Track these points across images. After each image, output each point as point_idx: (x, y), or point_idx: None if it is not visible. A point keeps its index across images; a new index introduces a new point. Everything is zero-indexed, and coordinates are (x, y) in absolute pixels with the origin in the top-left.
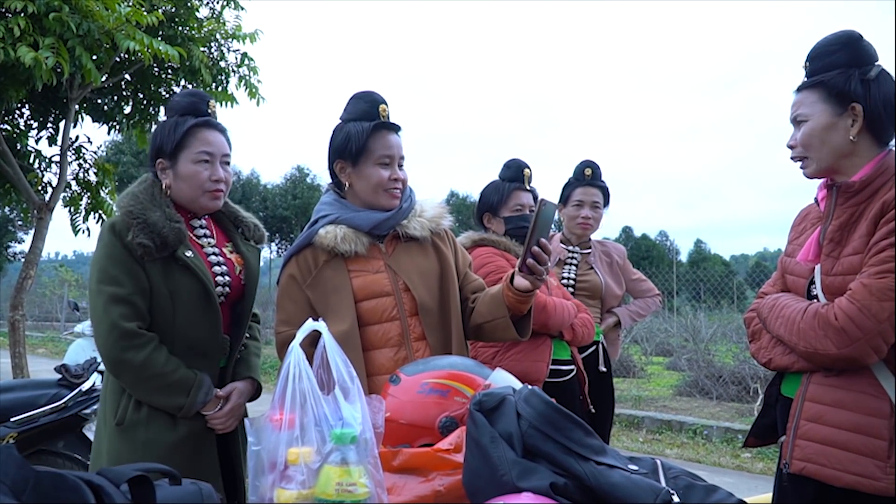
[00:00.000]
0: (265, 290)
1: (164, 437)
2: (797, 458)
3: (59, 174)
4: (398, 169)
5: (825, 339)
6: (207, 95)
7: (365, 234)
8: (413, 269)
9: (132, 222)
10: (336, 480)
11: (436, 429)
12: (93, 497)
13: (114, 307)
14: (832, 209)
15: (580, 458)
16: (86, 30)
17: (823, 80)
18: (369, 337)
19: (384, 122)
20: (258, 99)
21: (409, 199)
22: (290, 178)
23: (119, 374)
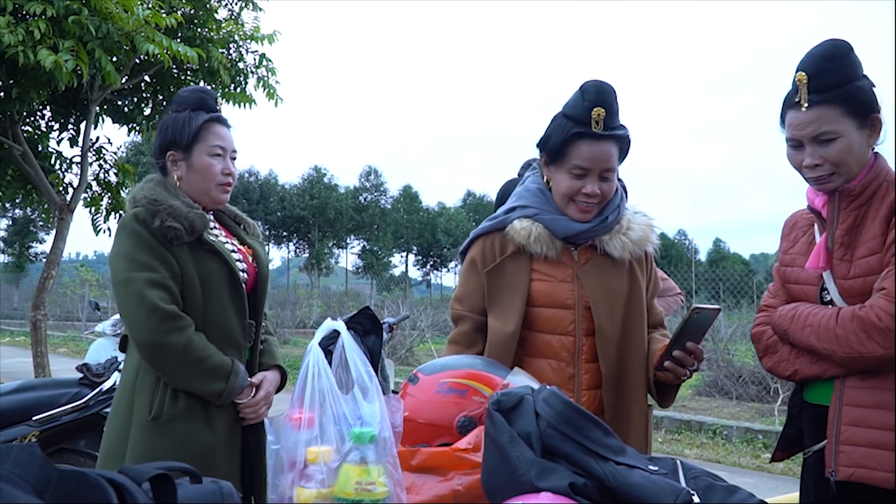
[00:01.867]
0: (282, 290)
1: (202, 434)
2: (843, 464)
3: (79, 175)
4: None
5: (869, 341)
6: (213, 92)
7: (559, 239)
8: (600, 287)
9: (158, 209)
10: (355, 479)
11: (454, 428)
12: (115, 496)
13: (151, 291)
14: (836, 214)
15: (599, 458)
16: (105, 32)
17: (847, 93)
18: (538, 344)
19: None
20: (276, 100)
21: (617, 211)
22: (308, 178)
23: (160, 359)
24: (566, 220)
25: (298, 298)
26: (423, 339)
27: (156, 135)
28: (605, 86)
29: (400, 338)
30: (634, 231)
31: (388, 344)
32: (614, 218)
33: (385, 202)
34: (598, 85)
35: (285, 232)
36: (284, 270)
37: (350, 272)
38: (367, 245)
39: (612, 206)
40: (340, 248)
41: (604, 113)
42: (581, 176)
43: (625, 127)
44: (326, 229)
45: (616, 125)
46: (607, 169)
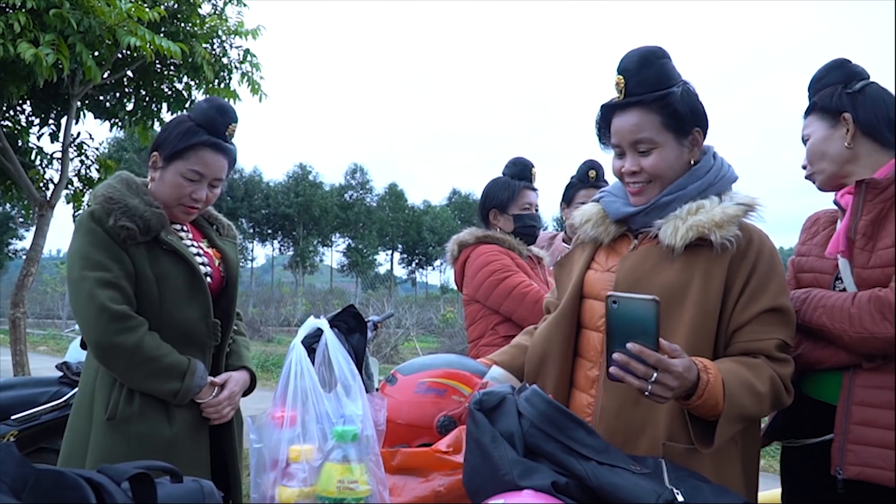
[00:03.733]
0: (267, 288)
1: (159, 431)
2: (852, 462)
3: (60, 171)
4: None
5: (884, 321)
6: (233, 115)
7: (615, 223)
8: (632, 276)
9: (112, 207)
10: (337, 478)
11: (434, 428)
12: (93, 495)
13: (101, 291)
14: (861, 206)
15: (582, 457)
16: (87, 26)
17: (816, 100)
18: (581, 341)
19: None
20: (260, 95)
21: (674, 196)
22: (293, 175)
23: (110, 359)
24: (622, 203)
25: (283, 296)
26: (408, 338)
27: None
28: (638, 50)
29: (385, 336)
30: (697, 216)
31: (372, 342)
32: (671, 199)
33: (370, 200)
34: (631, 51)
35: (270, 230)
36: (269, 268)
37: (335, 270)
38: (352, 243)
39: (676, 185)
40: (325, 245)
41: (623, 81)
42: (620, 154)
43: (661, 87)
44: (311, 227)
45: (643, 91)
46: (638, 141)
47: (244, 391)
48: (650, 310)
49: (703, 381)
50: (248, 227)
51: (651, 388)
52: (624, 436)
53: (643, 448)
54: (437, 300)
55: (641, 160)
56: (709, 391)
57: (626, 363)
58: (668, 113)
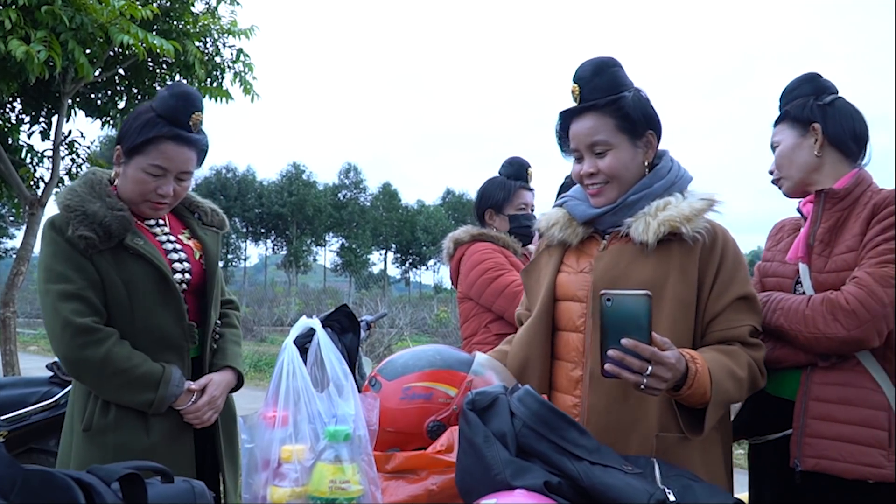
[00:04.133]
0: (260, 287)
1: (137, 440)
2: (808, 455)
3: (51, 169)
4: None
5: (835, 322)
6: (196, 103)
7: (582, 225)
8: (609, 274)
9: (70, 216)
10: (329, 478)
11: (424, 433)
12: (83, 496)
13: (64, 304)
14: (820, 214)
15: (574, 457)
16: (79, 23)
17: (788, 109)
18: (558, 344)
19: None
20: (253, 95)
21: (646, 191)
22: (286, 174)
23: (80, 374)
24: (587, 205)
25: (276, 296)
26: (401, 337)
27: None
28: (591, 60)
29: (378, 336)
30: (666, 212)
31: (365, 342)
32: (639, 197)
33: (364, 199)
34: (584, 62)
35: (263, 229)
36: (262, 268)
37: (328, 270)
38: (345, 242)
39: (636, 187)
40: (319, 245)
41: (578, 88)
42: (579, 158)
43: (613, 93)
44: (305, 226)
45: (597, 96)
46: (594, 143)
47: (231, 389)
48: (643, 304)
49: (692, 370)
50: (241, 227)
51: (646, 382)
52: (616, 432)
53: (636, 442)
54: (431, 300)
55: (598, 161)
56: (698, 380)
57: (621, 359)
58: (620, 116)
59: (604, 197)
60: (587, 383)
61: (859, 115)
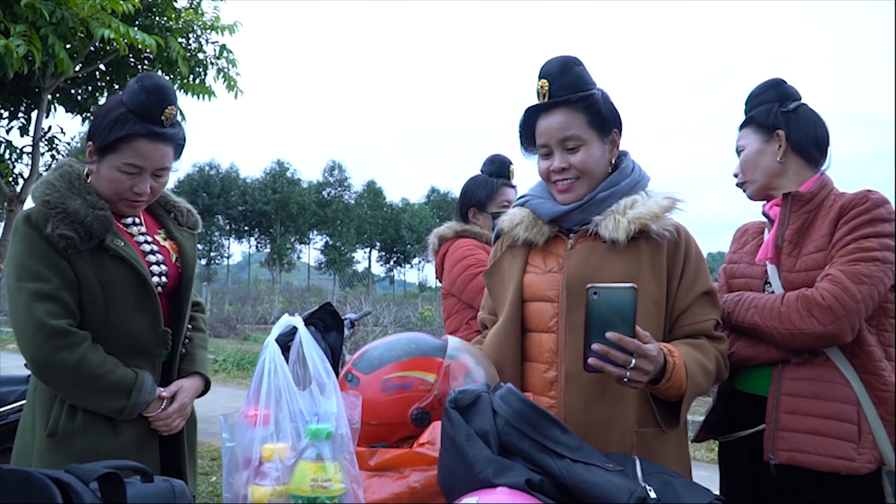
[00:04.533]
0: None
1: (104, 446)
2: (782, 448)
3: (31, 165)
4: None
5: (810, 318)
6: (169, 97)
7: (548, 224)
8: (580, 273)
9: (50, 213)
10: (311, 476)
11: (409, 422)
12: (60, 496)
13: (38, 305)
14: (787, 216)
15: (556, 455)
16: (59, 17)
17: (753, 115)
18: (529, 345)
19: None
20: (236, 92)
21: (614, 188)
22: (270, 172)
23: (50, 377)
24: (552, 203)
25: (259, 294)
26: (385, 335)
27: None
28: (557, 58)
29: (362, 334)
30: (635, 210)
31: (349, 340)
32: (607, 195)
33: (349, 197)
34: (549, 59)
35: (246, 226)
36: (245, 266)
37: (312, 268)
38: (329, 240)
39: (604, 184)
40: (303, 243)
41: (547, 84)
42: (547, 154)
43: (583, 90)
44: (289, 224)
45: (567, 92)
46: (566, 138)
47: (198, 395)
48: (629, 297)
49: (671, 364)
50: (224, 224)
51: (629, 375)
52: (595, 431)
53: (615, 439)
54: (415, 298)
55: (570, 157)
56: (675, 373)
57: (606, 353)
58: (592, 112)
59: (573, 193)
60: (563, 384)
61: (821, 122)
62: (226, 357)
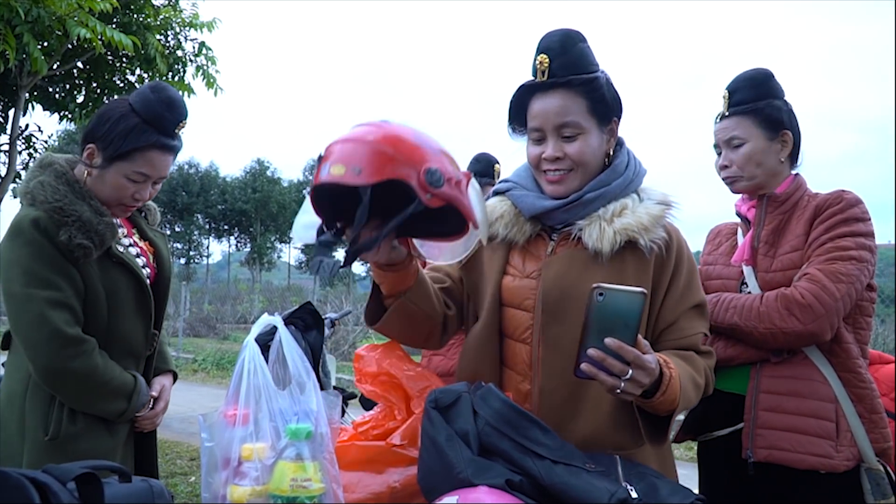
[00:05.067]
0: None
1: (102, 446)
2: (760, 446)
3: (7, 164)
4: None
5: (790, 317)
6: (184, 111)
7: (529, 221)
8: (559, 284)
9: (65, 220)
10: (291, 476)
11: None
12: (37, 496)
13: (54, 313)
14: (763, 217)
15: (536, 456)
16: (35, 16)
17: (758, 107)
18: (505, 351)
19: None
20: (216, 89)
21: (606, 188)
22: (250, 171)
23: (61, 384)
24: (535, 196)
25: (239, 293)
26: (366, 335)
27: (93, 115)
28: (559, 31)
29: (343, 333)
30: (623, 219)
31: (330, 339)
32: (596, 196)
33: None
34: (551, 32)
35: (226, 225)
36: (225, 265)
37: (293, 267)
38: None
39: (594, 182)
40: (283, 242)
41: (547, 60)
42: (540, 139)
43: (587, 71)
44: (269, 223)
45: (569, 73)
46: (564, 125)
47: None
48: (637, 303)
49: (667, 376)
50: (204, 223)
51: (623, 386)
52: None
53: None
54: None
55: (565, 146)
56: (670, 387)
57: (602, 360)
58: (595, 98)
59: (563, 185)
60: (536, 398)
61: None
62: (205, 356)
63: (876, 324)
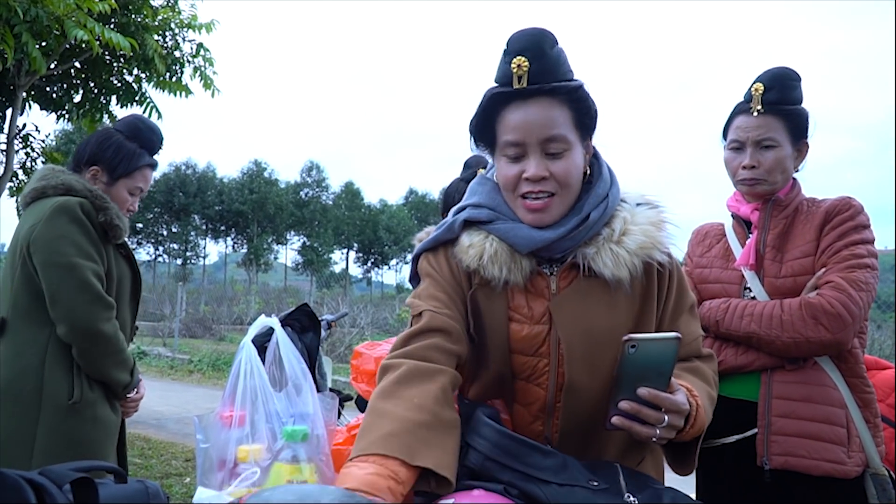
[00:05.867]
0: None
1: (110, 416)
2: (776, 453)
3: (4, 163)
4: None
5: (818, 326)
6: (162, 135)
7: (526, 257)
8: (577, 327)
9: (107, 205)
10: (287, 478)
11: None
12: (34, 497)
13: (96, 281)
14: (767, 221)
15: (541, 482)
16: (34, 15)
17: (792, 112)
18: (517, 390)
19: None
20: (213, 91)
21: (603, 205)
22: (248, 172)
23: (92, 344)
24: (526, 229)
25: (236, 294)
26: (362, 337)
27: (90, 142)
28: (534, 30)
29: (339, 335)
30: (633, 235)
31: (326, 341)
32: (598, 216)
33: (326, 198)
34: (523, 31)
35: (223, 226)
36: (222, 266)
37: (289, 268)
38: (307, 241)
39: (591, 199)
40: (280, 243)
41: (527, 63)
42: (517, 156)
43: (569, 78)
44: (266, 224)
45: (551, 79)
46: (550, 139)
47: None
48: (671, 349)
49: (694, 406)
50: (200, 224)
51: (659, 434)
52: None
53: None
54: (393, 300)
55: (551, 164)
56: (699, 418)
57: (637, 412)
58: (581, 109)
59: (548, 214)
60: (554, 440)
61: None
62: (201, 357)
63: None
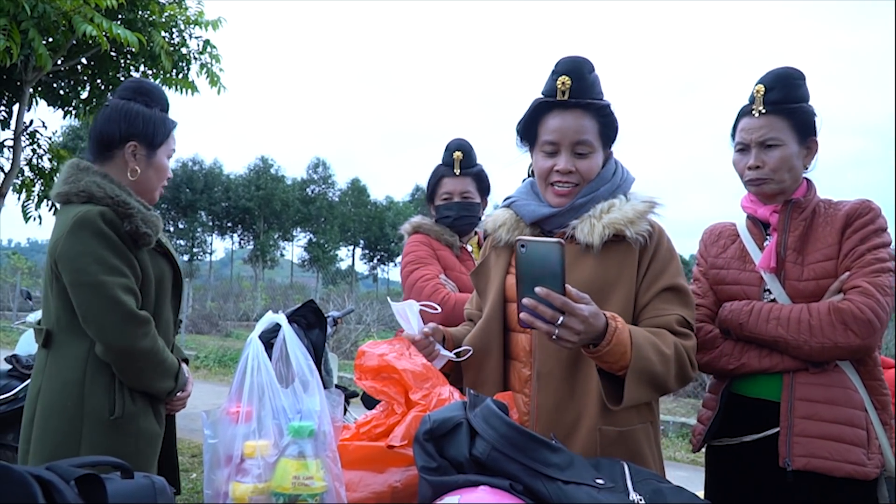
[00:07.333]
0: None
1: (153, 427)
2: (798, 454)
3: (11, 159)
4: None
5: (847, 331)
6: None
7: (529, 227)
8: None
9: (130, 212)
10: (293, 474)
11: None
12: (41, 493)
13: (126, 297)
14: (787, 223)
15: (546, 478)
16: (41, 11)
17: (795, 110)
18: (510, 344)
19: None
20: (219, 87)
21: (594, 193)
22: (254, 168)
23: (130, 363)
24: (536, 205)
25: (242, 291)
26: (368, 334)
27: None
28: (578, 58)
29: (345, 332)
30: (611, 214)
31: (332, 338)
32: (586, 200)
33: (333, 195)
34: (569, 57)
35: (229, 223)
36: (228, 262)
37: (295, 265)
38: (313, 238)
39: (589, 188)
40: (286, 240)
41: (569, 81)
42: (552, 153)
43: (600, 98)
44: (272, 221)
45: (587, 96)
46: (580, 142)
47: None
48: (556, 252)
49: (612, 327)
50: (207, 220)
51: (558, 332)
52: (564, 429)
53: (582, 436)
54: (399, 297)
55: (577, 162)
56: (616, 338)
57: (534, 307)
58: (605, 122)
59: (568, 198)
60: (535, 382)
61: None
62: (207, 353)
63: None
